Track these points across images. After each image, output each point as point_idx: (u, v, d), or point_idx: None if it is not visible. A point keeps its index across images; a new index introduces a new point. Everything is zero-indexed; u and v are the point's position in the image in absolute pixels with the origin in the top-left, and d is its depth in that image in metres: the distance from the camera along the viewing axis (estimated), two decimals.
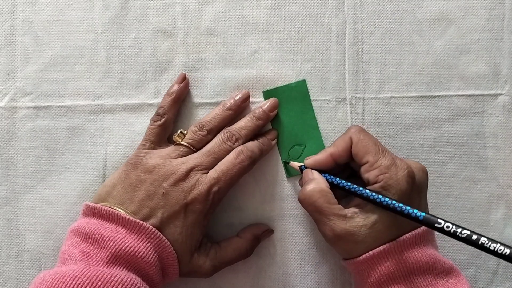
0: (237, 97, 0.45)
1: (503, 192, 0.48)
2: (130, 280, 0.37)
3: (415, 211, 0.37)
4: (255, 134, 0.45)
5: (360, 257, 0.39)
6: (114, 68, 0.46)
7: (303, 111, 0.46)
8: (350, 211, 0.40)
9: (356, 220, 0.39)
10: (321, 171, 0.43)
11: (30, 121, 0.45)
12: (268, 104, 0.45)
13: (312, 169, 0.43)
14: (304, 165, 0.44)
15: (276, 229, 0.46)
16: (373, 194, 0.39)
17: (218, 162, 0.42)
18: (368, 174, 0.40)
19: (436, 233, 0.40)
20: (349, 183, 0.41)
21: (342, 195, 0.42)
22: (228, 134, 0.43)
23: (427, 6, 0.47)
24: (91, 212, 0.41)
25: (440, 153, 0.48)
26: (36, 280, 0.37)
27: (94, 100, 0.45)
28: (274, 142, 0.46)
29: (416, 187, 0.40)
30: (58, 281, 0.35)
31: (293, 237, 0.47)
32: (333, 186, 0.42)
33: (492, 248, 0.34)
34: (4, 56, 0.45)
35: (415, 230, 0.40)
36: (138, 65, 0.46)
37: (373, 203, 0.39)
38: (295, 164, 0.45)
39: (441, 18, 0.48)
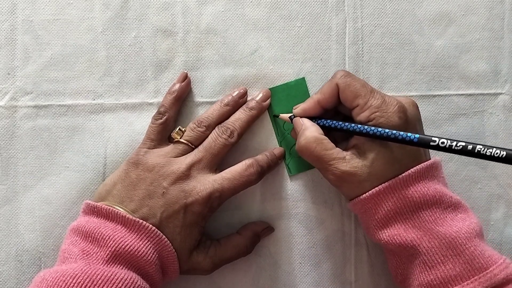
0: (235, 94, 0.45)
1: (503, 191, 0.48)
2: (130, 278, 0.37)
3: (409, 134, 0.38)
4: (250, 125, 0.45)
5: (365, 195, 0.40)
6: (114, 67, 0.46)
7: None
8: (349, 153, 0.40)
9: (356, 160, 0.40)
10: (312, 118, 0.43)
11: (30, 120, 0.45)
12: (260, 94, 0.45)
13: (302, 117, 0.43)
14: (293, 115, 0.44)
15: (277, 228, 0.46)
16: (365, 127, 0.39)
17: (216, 158, 0.42)
18: (360, 117, 0.40)
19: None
20: (340, 122, 0.41)
21: (339, 139, 0.43)
22: (223, 128, 0.43)
23: (427, 5, 0.47)
24: (91, 211, 0.40)
25: (440, 153, 0.47)
26: (37, 279, 0.37)
27: (94, 99, 0.45)
28: (280, 159, 0.46)
29: (410, 121, 0.40)
30: (58, 279, 0.35)
31: (293, 236, 0.46)
32: (327, 129, 0.42)
33: (488, 153, 0.35)
34: (4, 55, 0.45)
35: (418, 165, 0.40)
36: (138, 64, 0.46)
37: (368, 136, 0.39)
38: (285, 116, 0.45)
39: (441, 18, 0.48)
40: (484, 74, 0.48)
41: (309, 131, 0.41)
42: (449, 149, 0.37)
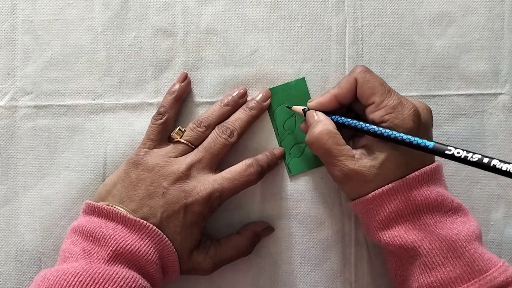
0: (235, 94, 0.45)
1: (503, 191, 0.48)
2: (132, 277, 0.37)
3: (424, 141, 0.38)
4: (250, 125, 0.45)
5: (369, 195, 0.40)
6: (114, 67, 0.46)
7: None
8: (358, 152, 0.40)
9: (365, 160, 0.40)
10: (326, 112, 0.43)
11: (30, 120, 0.45)
12: (260, 94, 0.45)
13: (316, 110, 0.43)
14: (307, 107, 0.44)
15: (277, 228, 0.46)
16: (381, 129, 0.39)
17: (216, 158, 0.42)
18: (374, 115, 0.40)
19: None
20: (355, 121, 0.41)
21: (349, 137, 0.43)
22: (222, 128, 0.43)
23: (427, 6, 0.47)
24: (92, 211, 0.41)
25: None
26: (37, 279, 0.37)
27: (94, 99, 0.45)
28: (280, 159, 0.46)
29: (422, 125, 0.40)
30: (60, 278, 0.35)
31: (294, 236, 0.46)
32: (340, 126, 0.42)
33: (505, 169, 0.34)
34: (4, 55, 0.45)
35: (423, 168, 0.40)
36: (138, 64, 0.46)
37: (381, 138, 0.39)
38: (298, 108, 0.45)
39: (441, 18, 0.48)
40: (484, 74, 0.48)
41: (323, 123, 0.41)
42: (464, 160, 0.36)
